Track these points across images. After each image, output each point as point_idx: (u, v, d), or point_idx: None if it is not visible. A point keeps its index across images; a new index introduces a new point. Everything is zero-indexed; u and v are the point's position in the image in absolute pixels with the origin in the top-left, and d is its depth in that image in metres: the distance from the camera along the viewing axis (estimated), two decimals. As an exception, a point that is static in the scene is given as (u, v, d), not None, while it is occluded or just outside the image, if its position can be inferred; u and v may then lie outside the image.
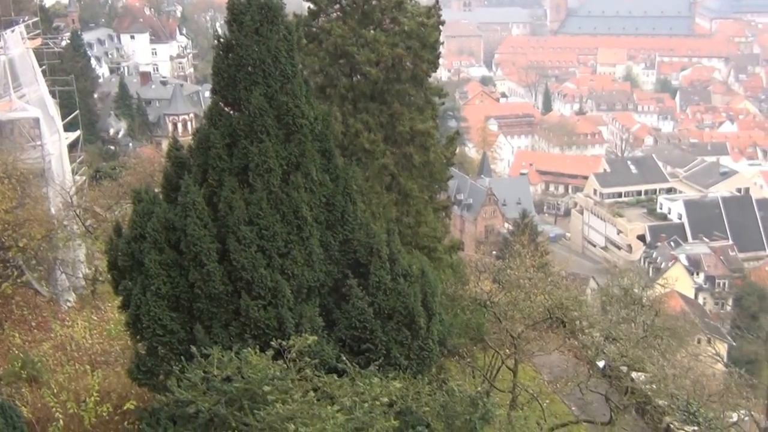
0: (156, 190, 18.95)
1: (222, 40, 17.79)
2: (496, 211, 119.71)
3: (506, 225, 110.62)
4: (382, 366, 16.95)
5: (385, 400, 15.31)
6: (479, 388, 17.25)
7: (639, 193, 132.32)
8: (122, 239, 18.07)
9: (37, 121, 36.00)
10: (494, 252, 78.09)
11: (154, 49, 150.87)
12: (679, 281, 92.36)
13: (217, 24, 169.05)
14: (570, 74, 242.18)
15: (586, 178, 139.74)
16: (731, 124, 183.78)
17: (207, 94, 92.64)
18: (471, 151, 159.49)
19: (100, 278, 32.06)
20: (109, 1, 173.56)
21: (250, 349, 15.90)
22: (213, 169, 17.38)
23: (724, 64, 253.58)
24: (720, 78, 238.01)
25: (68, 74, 58.08)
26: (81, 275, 34.31)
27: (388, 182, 26.72)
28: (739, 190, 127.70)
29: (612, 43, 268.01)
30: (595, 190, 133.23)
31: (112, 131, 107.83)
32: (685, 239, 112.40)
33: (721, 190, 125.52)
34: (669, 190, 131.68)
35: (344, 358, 16.67)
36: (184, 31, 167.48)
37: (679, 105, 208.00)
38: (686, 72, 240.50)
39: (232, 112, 17.79)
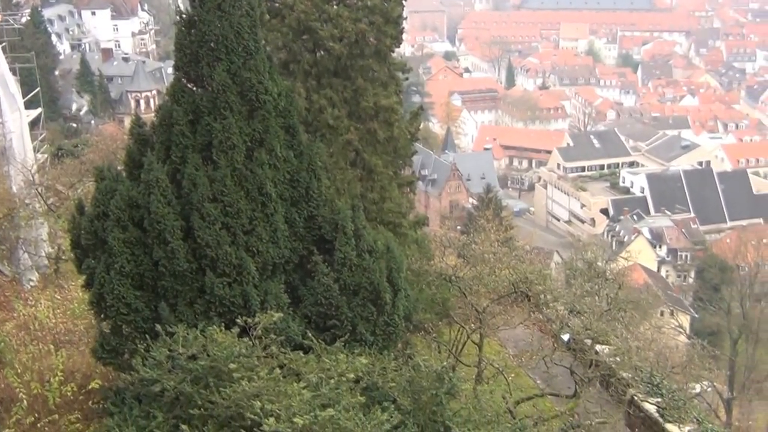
0: (119, 168, 18.73)
1: (184, 16, 17.56)
2: (460, 186, 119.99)
3: (471, 200, 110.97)
4: (348, 342, 16.93)
5: (352, 376, 15.31)
6: (445, 363, 17.27)
7: (602, 167, 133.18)
8: (85, 217, 17.87)
9: (-4, 98, 35.44)
10: (459, 227, 78.32)
11: (116, 25, 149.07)
12: (641, 254, 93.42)
13: (179, 0, 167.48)
14: (533, 49, 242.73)
15: (549, 152, 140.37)
16: (692, 98, 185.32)
17: (169, 70, 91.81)
18: (435, 126, 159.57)
19: (63, 257, 31.74)
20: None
21: (215, 326, 15.82)
22: (176, 146, 17.21)
23: (685, 38, 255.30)
24: (681, 52, 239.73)
25: (29, 51, 57.33)
26: (44, 254, 33.94)
27: (353, 158, 26.64)
28: (700, 164, 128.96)
29: (574, 17, 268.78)
30: (558, 165, 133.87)
31: (74, 108, 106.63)
32: (648, 212, 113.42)
33: (683, 164, 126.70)
34: (631, 164, 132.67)
35: (310, 335, 16.63)
36: (145, 7, 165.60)
37: (640, 79, 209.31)
38: (648, 46, 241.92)
39: (194, 88, 17.60)
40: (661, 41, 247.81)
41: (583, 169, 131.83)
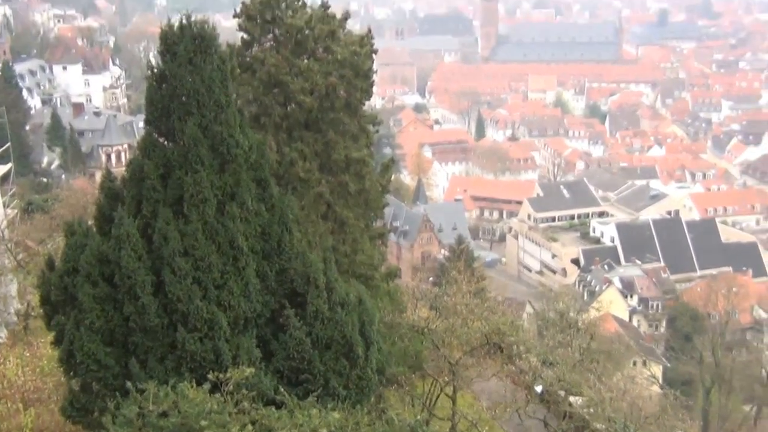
0: (89, 223, 18.62)
1: (155, 70, 17.59)
2: (432, 238, 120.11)
3: (442, 251, 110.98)
4: (320, 396, 16.79)
5: (324, 431, 15.15)
6: (418, 417, 17.17)
7: (572, 217, 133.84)
8: (55, 273, 17.71)
9: (-34, 153, 35.25)
10: (431, 278, 78.29)
11: (87, 79, 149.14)
12: (613, 304, 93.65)
13: (151, 54, 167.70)
14: (502, 101, 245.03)
15: (520, 203, 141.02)
16: (659, 147, 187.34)
17: (141, 124, 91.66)
18: (406, 177, 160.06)
19: (33, 313, 31.35)
20: (41, 32, 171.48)
21: (186, 382, 15.63)
22: (147, 200, 17.14)
23: (651, 89, 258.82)
24: (647, 103, 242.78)
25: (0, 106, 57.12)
26: (13, 311, 33.54)
27: (324, 211, 26.66)
28: (669, 213, 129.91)
29: (542, 69, 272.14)
30: (529, 215, 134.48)
31: (44, 163, 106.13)
32: (619, 262, 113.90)
33: (652, 213, 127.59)
34: (601, 214, 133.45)
35: (282, 390, 16.47)
36: (117, 62, 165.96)
37: (608, 129, 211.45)
38: (615, 97, 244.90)
39: (166, 142, 17.58)
40: (628, 92, 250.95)
41: (553, 219, 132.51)
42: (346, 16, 28.44)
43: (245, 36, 26.67)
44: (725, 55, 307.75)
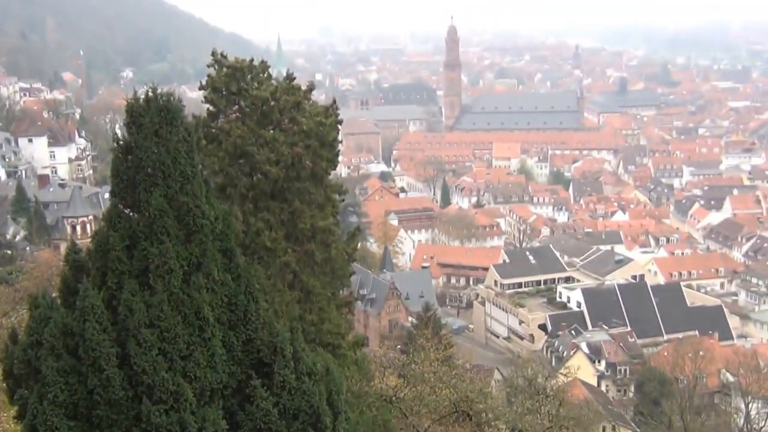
0: (54, 295, 18.49)
1: (121, 142, 17.68)
2: (399, 305, 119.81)
3: (410, 318, 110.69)
4: (288, 467, 16.63)
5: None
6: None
7: (538, 282, 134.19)
8: (18, 346, 17.53)
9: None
10: (399, 346, 77.90)
11: (53, 151, 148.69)
12: (581, 369, 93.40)
13: (117, 126, 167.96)
14: (467, 168, 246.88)
15: (486, 269, 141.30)
16: (623, 213, 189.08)
17: (106, 195, 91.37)
18: (373, 245, 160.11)
19: (-5, 388, 30.83)
20: (7, 105, 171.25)
21: (152, 456, 15.45)
22: (112, 271, 17.08)
23: (613, 155, 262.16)
24: (610, 169, 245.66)
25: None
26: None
27: (291, 280, 26.64)
28: (634, 277, 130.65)
29: (506, 137, 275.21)
30: (495, 281, 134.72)
31: (9, 235, 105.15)
32: (586, 327, 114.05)
33: (618, 278, 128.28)
34: (567, 279, 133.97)
35: (250, 461, 16.31)
36: (83, 134, 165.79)
37: (572, 196, 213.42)
38: (578, 164, 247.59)
39: (131, 213, 17.59)
40: (591, 159, 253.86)
41: (520, 285, 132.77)
42: (311, 88, 28.79)
43: (211, 107, 26.89)
44: (685, 122, 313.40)
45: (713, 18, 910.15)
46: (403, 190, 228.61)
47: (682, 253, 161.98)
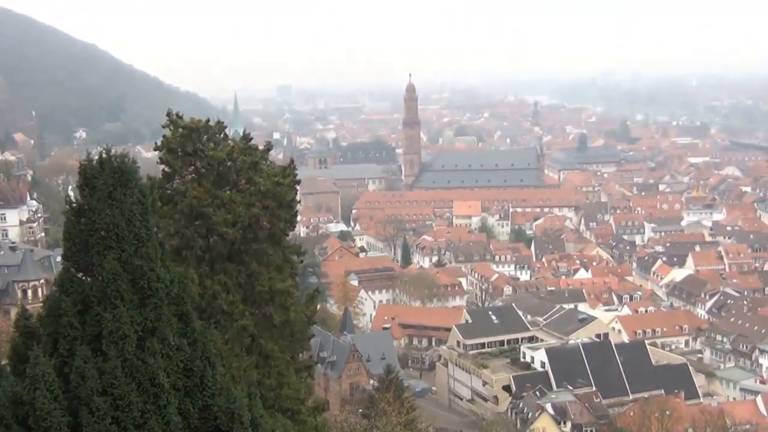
0: (3, 363, 18.23)
1: (74, 204, 17.62)
2: (360, 368, 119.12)
3: (371, 382, 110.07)
4: None
5: None
6: None
7: (502, 343, 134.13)
8: (-36, 417, 17.20)
9: None
10: (360, 411, 77.43)
11: (3, 213, 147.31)
12: (546, 431, 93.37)
13: (70, 188, 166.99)
14: (427, 227, 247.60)
15: (448, 330, 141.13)
16: (586, 271, 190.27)
17: (58, 259, 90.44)
18: (332, 307, 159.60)
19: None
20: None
21: None
22: (64, 337, 16.91)
23: (574, 212, 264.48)
24: (572, 226, 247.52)
25: None
26: None
27: (248, 344, 26.48)
28: (598, 336, 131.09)
29: (466, 195, 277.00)
30: (458, 342, 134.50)
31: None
32: (550, 388, 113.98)
33: (582, 337, 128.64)
34: (531, 339, 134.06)
35: None
36: (35, 195, 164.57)
37: (534, 254, 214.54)
38: (539, 221, 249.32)
39: (84, 277, 17.48)
40: (552, 216, 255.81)
41: (483, 345, 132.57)
42: (269, 148, 28.94)
43: (166, 168, 26.90)
44: (645, 178, 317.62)
45: (671, 74, 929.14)
46: (363, 249, 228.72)
47: (646, 311, 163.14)
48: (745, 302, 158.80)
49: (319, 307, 33.24)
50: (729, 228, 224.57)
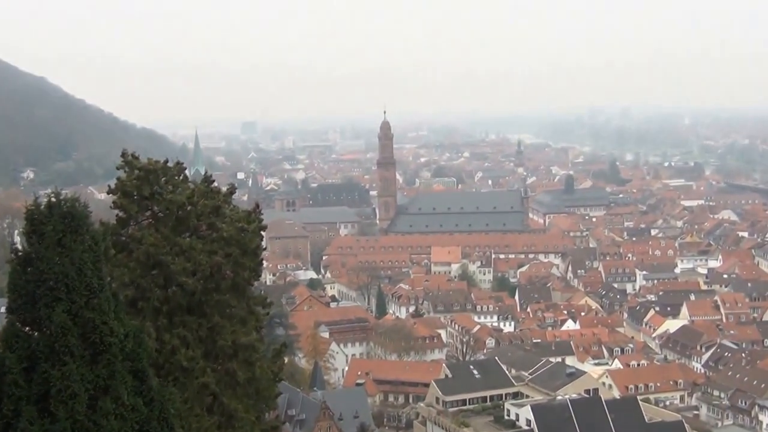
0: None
1: (20, 252, 17.51)
2: (332, 427, 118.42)
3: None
4: None
5: None
6: None
7: (484, 399, 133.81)
8: None
9: None
10: (331, 474, 76.91)
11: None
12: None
13: (15, 232, 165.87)
14: (404, 275, 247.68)
15: (427, 385, 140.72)
16: (573, 322, 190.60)
17: (2, 311, 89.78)
18: (301, 361, 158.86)
19: None
20: None
21: None
22: (8, 397, 16.73)
23: (561, 259, 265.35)
24: (558, 274, 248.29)
25: None
26: None
27: (210, 403, 26.30)
28: (587, 392, 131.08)
29: (445, 240, 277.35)
30: (437, 398, 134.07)
31: None
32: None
33: (570, 393, 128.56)
34: (515, 395, 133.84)
35: None
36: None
37: (519, 303, 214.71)
38: (524, 269, 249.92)
39: (30, 332, 17.33)
40: (537, 263, 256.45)
41: (464, 402, 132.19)
42: (232, 190, 28.97)
43: (121, 213, 26.83)
44: (636, 223, 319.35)
45: (662, 112, 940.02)
46: (334, 299, 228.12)
47: (638, 365, 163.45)
48: (743, 355, 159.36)
49: (286, 361, 33.16)
50: (725, 276, 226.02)
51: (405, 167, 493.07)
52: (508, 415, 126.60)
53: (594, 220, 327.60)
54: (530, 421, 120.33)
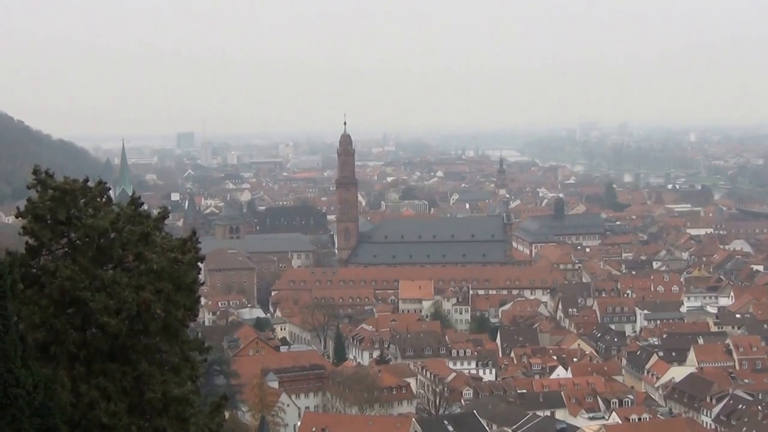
0: None
1: None
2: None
3: None
4: None
5: None
6: None
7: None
8: None
9: None
10: None
11: None
12: None
13: None
14: (367, 313, 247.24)
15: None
16: (564, 369, 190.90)
17: None
18: (245, 416, 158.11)
19: None
20: None
21: None
22: None
23: (549, 296, 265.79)
24: (547, 313, 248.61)
25: None
26: None
27: (136, 467, 25.95)
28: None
29: (416, 273, 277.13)
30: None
31: None
32: None
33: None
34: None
35: None
36: None
37: (501, 348, 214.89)
38: (506, 307, 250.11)
39: None
40: (523, 300, 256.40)
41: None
42: (164, 215, 28.71)
43: (32, 241, 26.48)
44: (636, 254, 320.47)
45: (666, 127, 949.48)
46: (284, 342, 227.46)
47: (639, 419, 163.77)
48: (759, 407, 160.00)
49: (227, 417, 32.88)
50: (738, 316, 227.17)
51: (368, 188, 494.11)
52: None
53: (588, 250, 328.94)
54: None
